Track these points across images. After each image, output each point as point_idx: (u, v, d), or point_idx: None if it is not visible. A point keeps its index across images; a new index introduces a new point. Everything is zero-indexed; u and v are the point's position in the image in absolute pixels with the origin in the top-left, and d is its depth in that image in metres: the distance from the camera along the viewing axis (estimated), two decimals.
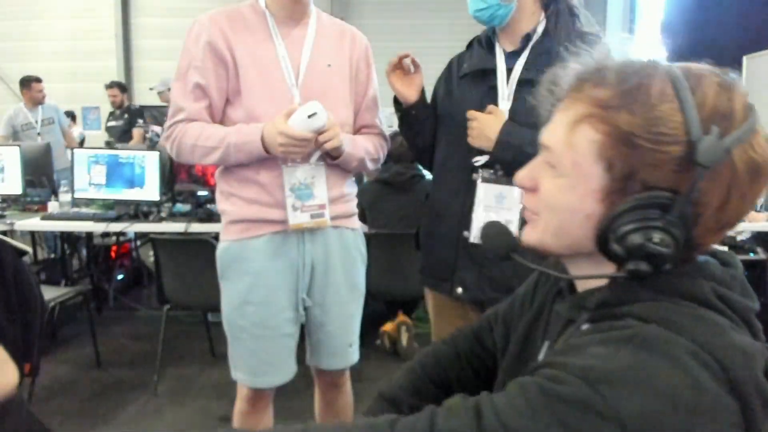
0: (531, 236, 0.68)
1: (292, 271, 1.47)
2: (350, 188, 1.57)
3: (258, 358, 1.48)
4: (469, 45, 1.57)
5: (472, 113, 1.41)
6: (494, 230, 0.75)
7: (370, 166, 1.58)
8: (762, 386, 0.53)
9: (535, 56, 1.40)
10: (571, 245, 0.65)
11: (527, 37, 1.43)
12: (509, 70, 1.43)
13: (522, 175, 0.68)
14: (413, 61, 1.46)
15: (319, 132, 1.36)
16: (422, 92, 1.51)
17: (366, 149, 1.54)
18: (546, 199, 0.65)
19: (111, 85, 5.95)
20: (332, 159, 1.47)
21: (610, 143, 0.59)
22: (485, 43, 1.49)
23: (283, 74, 1.43)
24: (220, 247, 1.50)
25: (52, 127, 5.21)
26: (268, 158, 1.40)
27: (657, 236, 0.57)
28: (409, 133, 1.58)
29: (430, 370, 0.90)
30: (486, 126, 1.37)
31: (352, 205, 1.58)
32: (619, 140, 0.58)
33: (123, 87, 6.01)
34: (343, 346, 1.58)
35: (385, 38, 9.96)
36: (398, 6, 10.28)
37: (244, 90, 1.41)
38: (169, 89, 5.57)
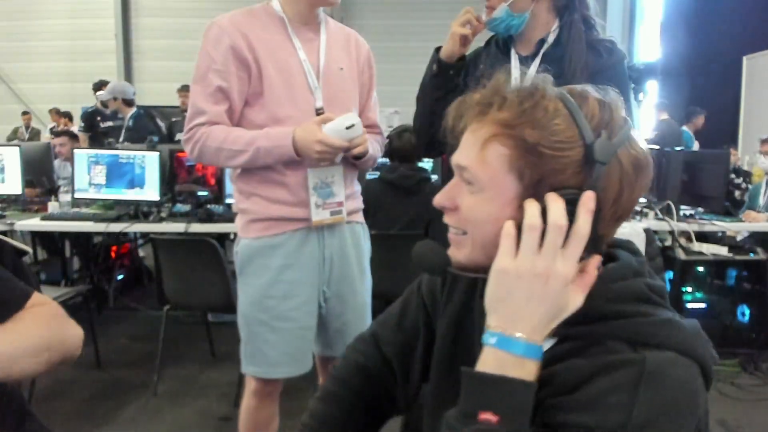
0: (459, 255, 0.73)
1: (313, 266, 1.52)
2: (357, 186, 1.65)
3: (277, 350, 1.51)
4: (487, 43, 1.58)
5: None
6: (426, 249, 0.77)
7: (374, 164, 1.68)
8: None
9: (548, 63, 1.41)
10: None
11: (541, 43, 1.45)
12: (522, 75, 1.44)
13: (440, 197, 0.73)
14: (477, 21, 1.44)
15: (352, 140, 1.44)
16: (464, 59, 1.49)
17: (376, 149, 1.62)
18: (468, 215, 0.71)
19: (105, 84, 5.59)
20: (355, 159, 1.54)
21: (518, 155, 0.67)
22: (502, 46, 1.52)
23: (305, 77, 1.47)
24: (241, 244, 1.53)
25: None
26: (294, 160, 1.44)
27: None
28: (434, 93, 1.50)
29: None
30: None
31: (360, 201, 1.66)
32: (526, 151, 0.66)
33: None
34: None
35: (385, 38, 9.98)
36: (398, 6, 10.29)
37: (266, 92, 1.45)
38: (114, 99, 5.01)
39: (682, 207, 3.27)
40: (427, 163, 3.58)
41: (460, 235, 0.72)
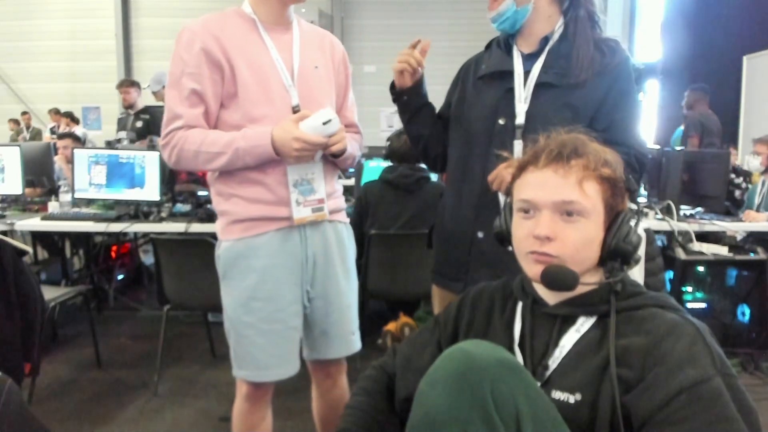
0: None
1: (296, 265, 1.50)
2: (338, 185, 1.64)
3: (266, 353, 1.50)
4: (488, 46, 1.57)
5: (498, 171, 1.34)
6: (555, 271, 0.89)
7: (354, 163, 1.67)
8: None
9: (553, 59, 1.41)
10: (582, 266, 0.91)
11: (545, 40, 1.43)
12: (526, 73, 1.43)
13: (546, 230, 0.89)
14: (422, 50, 1.49)
15: (330, 136, 1.43)
16: (418, 82, 1.53)
17: (355, 148, 1.62)
18: (575, 241, 0.89)
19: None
20: (334, 157, 1.53)
21: (605, 188, 0.90)
22: (503, 45, 1.50)
23: (279, 76, 1.46)
24: (222, 247, 1.51)
25: None
26: (273, 159, 1.43)
27: (635, 239, 0.91)
28: (402, 117, 1.62)
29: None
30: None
31: (342, 201, 1.65)
32: (608, 184, 0.91)
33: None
34: (346, 334, 1.62)
35: (385, 38, 9.98)
36: (398, 6, 10.28)
37: (241, 93, 1.43)
38: (163, 87, 5.41)
39: (683, 207, 3.27)
40: None
41: (548, 258, 0.89)
